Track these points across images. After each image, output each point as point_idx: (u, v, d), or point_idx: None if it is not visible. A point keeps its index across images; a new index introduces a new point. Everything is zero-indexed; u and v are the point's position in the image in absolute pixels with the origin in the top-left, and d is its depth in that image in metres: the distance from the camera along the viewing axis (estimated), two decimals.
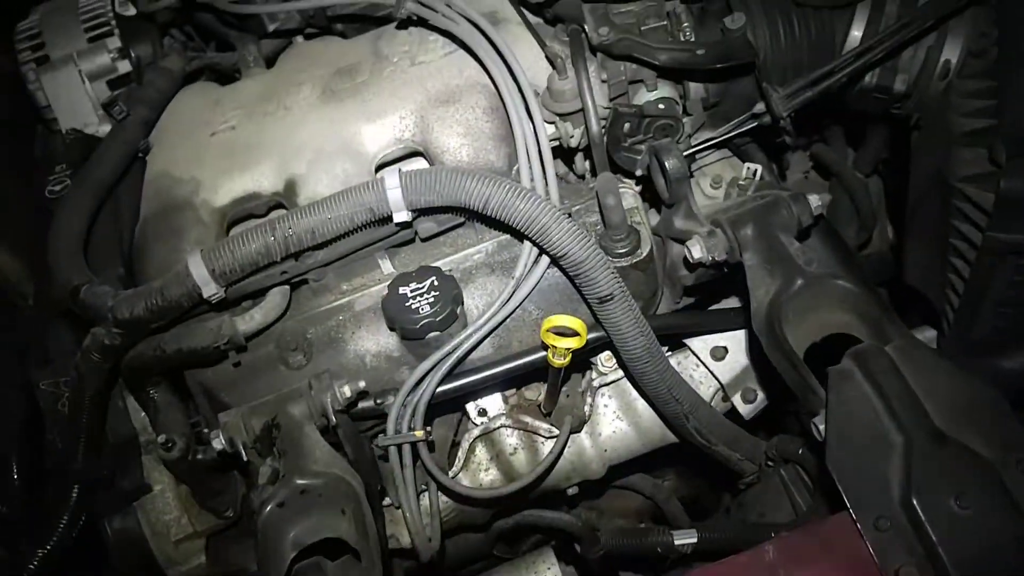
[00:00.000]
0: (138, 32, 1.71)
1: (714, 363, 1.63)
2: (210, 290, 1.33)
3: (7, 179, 1.64)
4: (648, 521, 2.06)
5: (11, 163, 1.64)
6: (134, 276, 1.47)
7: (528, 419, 1.58)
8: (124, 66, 1.68)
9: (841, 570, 1.08)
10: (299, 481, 1.24)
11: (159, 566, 1.50)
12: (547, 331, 1.35)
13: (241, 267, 1.34)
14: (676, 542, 1.44)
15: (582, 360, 1.60)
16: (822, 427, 1.18)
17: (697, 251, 1.38)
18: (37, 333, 1.66)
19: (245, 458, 1.33)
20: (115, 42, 1.68)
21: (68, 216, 1.43)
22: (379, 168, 1.51)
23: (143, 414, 1.52)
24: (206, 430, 1.40)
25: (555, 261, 1.39)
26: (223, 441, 1.33)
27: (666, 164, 1.42)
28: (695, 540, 1.48)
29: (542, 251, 1.41)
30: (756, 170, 1.57)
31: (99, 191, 1.47)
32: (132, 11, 1.74)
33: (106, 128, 1.61)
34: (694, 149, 1.57)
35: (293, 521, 1.22)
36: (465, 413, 1.62)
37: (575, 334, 1.34)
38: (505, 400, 1.61)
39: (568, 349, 1.35)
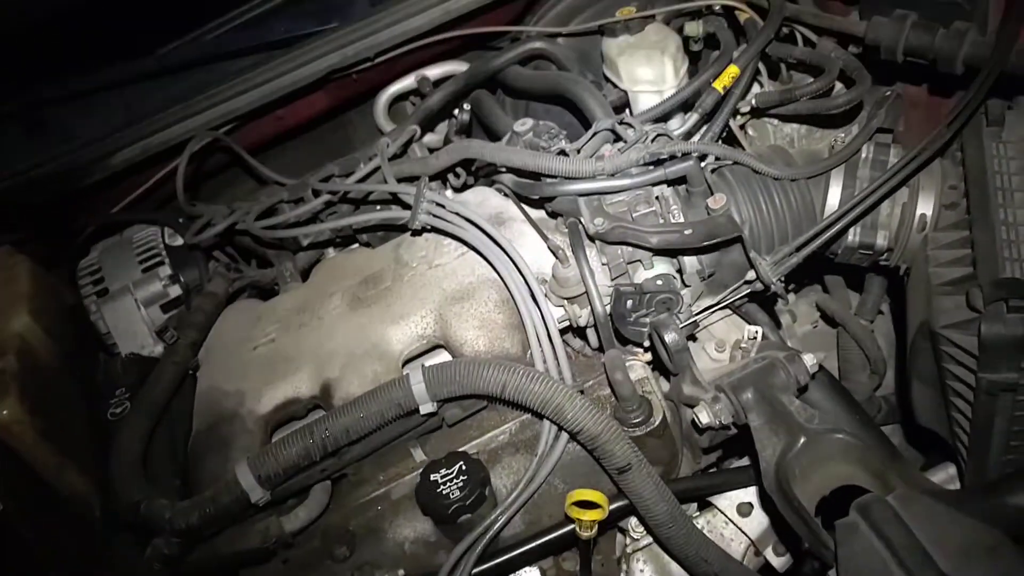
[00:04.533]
0: (186, 259, 1.92)
1: (741, 519, 1.68)
2: (257, 495, 1.45)
3: (75, 405, 1.81)
4: None
5: (78, 390, 1.81)
6: (188, 486, 1.59)
7: None
8: (175, 291, 1.88)
9: None
10: None
11: None
12: (571, 505, 1.44)
13: (284, 470, 1.47)
14: None
15: (612, 525, 1.66)
16: None
17: (704, 417, 1.48)
18: (104, 545, 1.79)
19: None
20: (166, 270, 1.89)
21: (128, 437, 1.57)
22: (406, 363, 1.64)
23: None
24: None
25: (573, 436, 1.50)
26: None
27: (665, 338, 1.53)
28: None
29: (560, 428, 1.52)
30: (757, 332, 1.67)
31: (154, 411, 1.62)
32: (180, 241, 1.95)
33: (160, 349, 1.78)
34: (695, 317, 1.68)
35: None
36: None
37: (598, 506, 1.42)
38: (543, 571, 1.67)
39: (593, 522, 1.44)
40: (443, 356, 1.69)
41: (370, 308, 1.68)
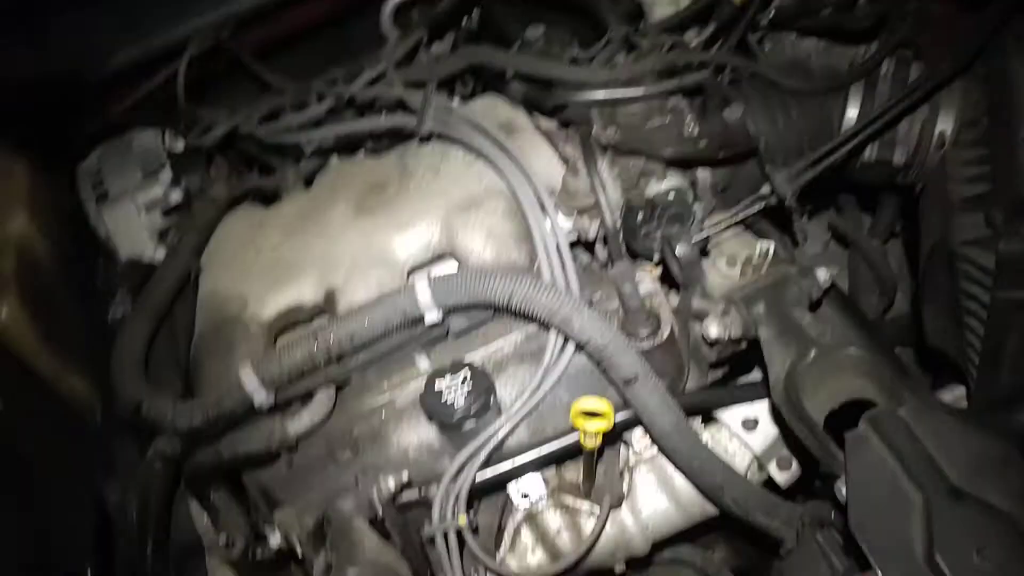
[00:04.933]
0: (187, 164, 1.89)
1: (746, 434, 1.68)
2: (260, 398, 1.44)
3: (75, 309, 1.79)
4: None
5: (78, 294, 1.79)
6: (191, 389, 1.58)
7: (569, 500, 1.64)
8: (176, 196, 1.85)
9: None
10: (350, 571, 1.32)
11: None
12: (576, 414, 1.43)
13: (288, 375, 1.45)
14: None
15: (616, 437, 1.66)
16: (844, 491, 1.23)
17: (714, 330, 1.46)
18: (105, 447, 1.79)
19: (300, 554, 1.41)
20: (167, 175, 1.85)
21: (129, 338, 1.56)
22: (411, 272, 1.62)
23: (205, 517, 1.61)
24: (265, 529, 1.49)
25: (580, 347, 1.48)
26: (279, 539, 1.41)
27: (676, 252, 1.51)
28: None
29: (567, 339, 1.50)
30: (768, 247, 1.65)
31: (156, 313, 1.61)
32: (181, 146, 1.91)
33: (161, 254, 1.76)
34: (707, 232, 1.66)
35: None
36: (508, 497, 1.68)
37: (603, 416, 1.41)
38: (546, 481, 1.67)
39: (597, 431, 1.43)
40: (450, 264, 1.66)
41: (375, 216, 1.65)
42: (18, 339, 1.71)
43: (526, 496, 1.67)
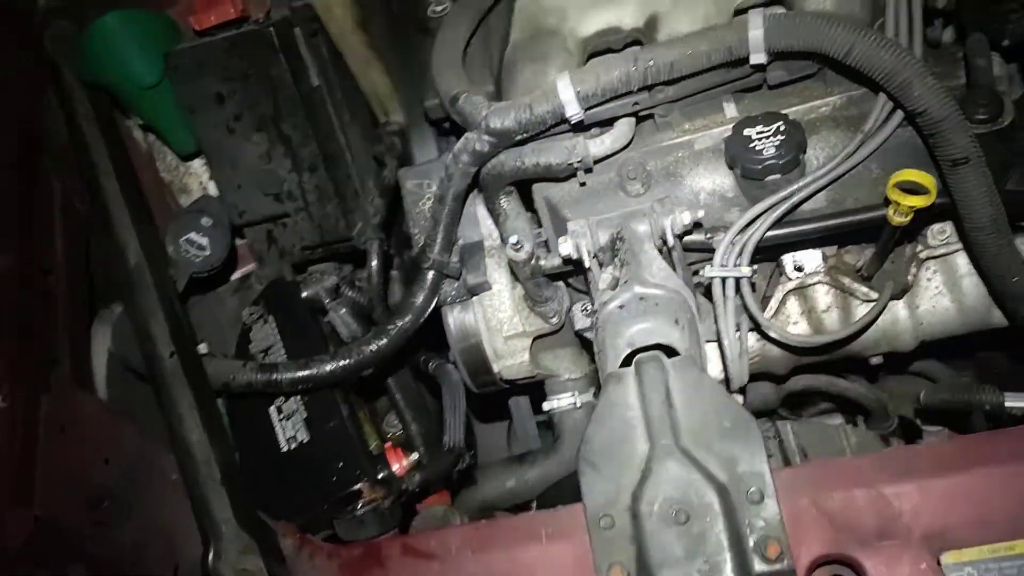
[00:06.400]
0: None
1: None
2: (572, 110, 1.45)
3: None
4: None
5: None
6: (500, 94, 1.62)
7: (846, 279, 1.60)
8: None
9: None
10: (639, 289, 1.36)
11: (486, 356, 1.68)
12: (893, 186, 1.35)
13: (603, 92, 1.44)
14: (1007, 404, 1.42)
15: (923, 223, 1.58)
16: None
17: None
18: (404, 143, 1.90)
19: (587, 264, 1.46)
20: None
21: (451, 33, 1.59)
22: (737, 13, 1.54)
23: (489, 222, 1.68)
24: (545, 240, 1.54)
25: (910, 118, 1.38)
26: (570, 246, 1.46)
27: None
28: None
29: (898, 106, 1.40)
30: None
31: (477, 14, 1.62)
32: None
33: None
34: None
35: (630, 323, 1.34)
36: (780, 266, 1.66)
37: (923, 192, 1.33)
38: (824, 258, 1.63)
39: (912, 207, 1.35)
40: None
41: None
42: (339, 21, 1.80)
43: (799, 269, 1.65)
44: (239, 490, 1.39)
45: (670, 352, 1.31)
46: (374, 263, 1.77)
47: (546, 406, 1.77)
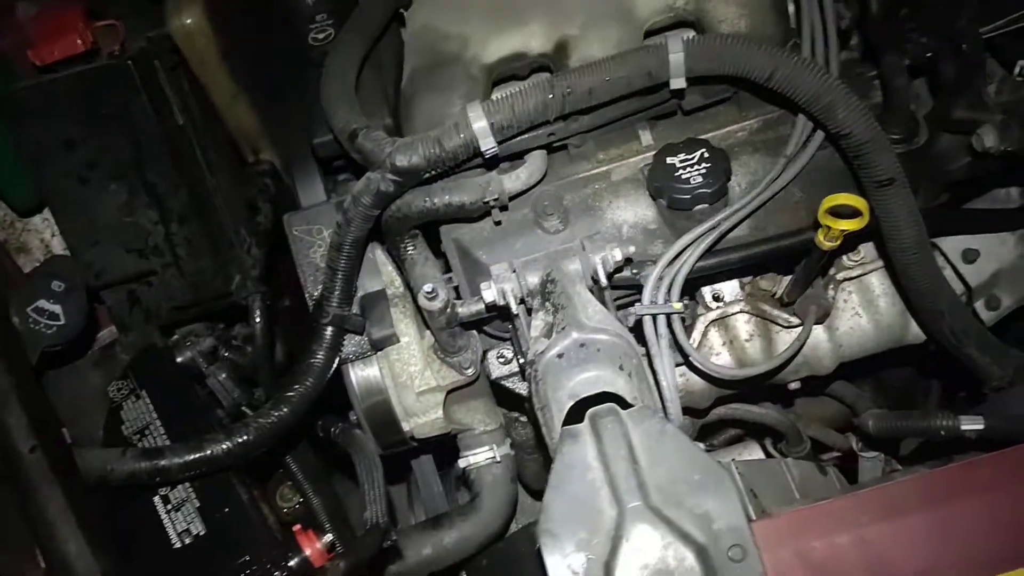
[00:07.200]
0: None
1: (964, 265, 1.58)
2: (487, 143, 1.33)
3: (263, 33, 1.67)
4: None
5: (268, 17, 1.66)
6: (399, 128, 1.47)
7: (767, 307, 1.56)
8: None
9: None
10: (577, 335, 1.24)
11: (394, 415, 1.52)
12: (825, 211, 1.31)
13: (518, 122, 1.33)
14: (962, 427, 1.41)
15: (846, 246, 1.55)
16: None
17: (990, 139, 1.33)
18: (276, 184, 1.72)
19: (514, 311, 1.34)
20: None
21: (341, 63, 1.43)
22: (648, 35, 1.47)
23: (389, 267, 1.53)
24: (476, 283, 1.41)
25: (833, 140, 1.35)
26: (495, 292, 1.34)
27: (963, 47, 1.35)
28: (982, 427, 1.43)
29: (820, 128, 1.37)
30: None
31: (366, 41, 1.47)
32: None
33: None
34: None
35: (571, 373, 1.23)
36: (697, 297, 1.60)
37: (855, 215, 1.30)
38: (742, 287, 1.59)
39: (843, 231, 1.32)
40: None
41: None
42: (200, 51, 1.61)
43: (718, 299, 1.59)
44: None
45: (617, 401, 1.21)
46: (258, 320, 1.58)
47: (462, 463, 1.63)
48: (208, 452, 1.33)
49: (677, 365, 1.48)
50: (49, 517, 1.21)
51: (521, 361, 1.42)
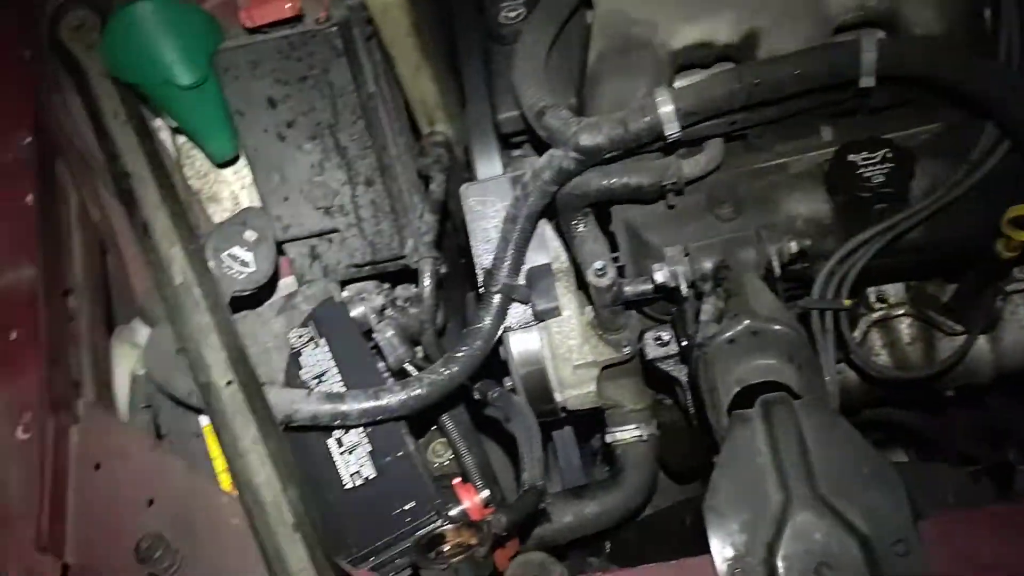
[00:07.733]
0: None
1: None
2: (672, 128, 1.36)
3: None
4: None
5: None
6: (583, 108, 1.52)
7: (932, 312, 1.55)
8: None
9: None
10: (749, 322, 1.27)
11: (548, 385, 1.58)
12: (1008, 220, 1.30)
13: (704, 110, 1.37)
14: None
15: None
16: None
17: None
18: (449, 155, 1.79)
19: (684, 293, 1.37)
20: None
21: (533, 41, 1.49)
22: (839, 31, 1.47)
23: (556, 243, 1.58)
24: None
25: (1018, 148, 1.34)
26: (667, 274, 1.37)
27: None
28: None
29: (1009, 138, 1.36)
30: None
31: (557, 22, 1.52)
32: None
33: None
34: None
35: (741, 359, 1.26)
36: (862, 297, 1.59)
37: None
38: (907, 289, 1.58)
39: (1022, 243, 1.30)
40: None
41: None
42: (393, 23, 1.68)
43: (883, 300, 1.59)
44: (314, 537, 1.26)
45: (784, 391, 1.24)
46: (427, 283, 1.65)
47: (608, 438, 1.68)
48: (384, 402, 1.41)
49: (837, 362, 1.49)
50: (242, 448, 1.31)
51: (683, 344, 1.45)
